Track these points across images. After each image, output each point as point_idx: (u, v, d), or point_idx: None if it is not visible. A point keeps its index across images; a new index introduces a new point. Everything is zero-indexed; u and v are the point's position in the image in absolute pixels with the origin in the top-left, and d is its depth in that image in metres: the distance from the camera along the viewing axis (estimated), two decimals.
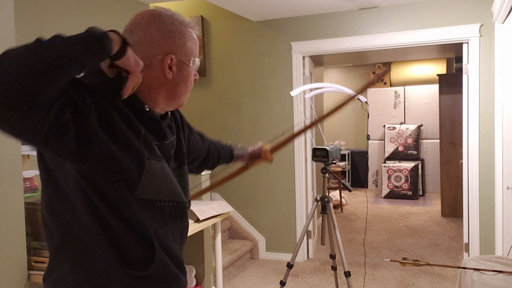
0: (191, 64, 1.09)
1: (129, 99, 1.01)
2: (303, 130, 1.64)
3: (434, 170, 7.48)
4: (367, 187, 8.08)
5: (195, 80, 1.14)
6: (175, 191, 1.09)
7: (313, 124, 1.75)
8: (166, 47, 1.04)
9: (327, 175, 2.83)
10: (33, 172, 2.20)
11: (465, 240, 3.85)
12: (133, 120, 1.00)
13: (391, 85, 8.04)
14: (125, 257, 0.99)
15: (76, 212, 0.97)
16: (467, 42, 3.74)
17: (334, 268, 3.04)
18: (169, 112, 1.15)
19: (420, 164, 7.29)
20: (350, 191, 2.81)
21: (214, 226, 3.13)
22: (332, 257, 3.01)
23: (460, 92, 4.00)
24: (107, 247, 0.98)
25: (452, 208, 5.83)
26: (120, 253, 0.99)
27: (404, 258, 2.11)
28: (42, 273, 1.10)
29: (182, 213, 1.13)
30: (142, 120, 1.03)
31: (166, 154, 1.10)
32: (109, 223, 0.98)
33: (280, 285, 2.82)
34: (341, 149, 4.29)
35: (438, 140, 6.22)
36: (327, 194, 2.87)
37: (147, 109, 1.05)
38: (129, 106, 1.01)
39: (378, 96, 7.94)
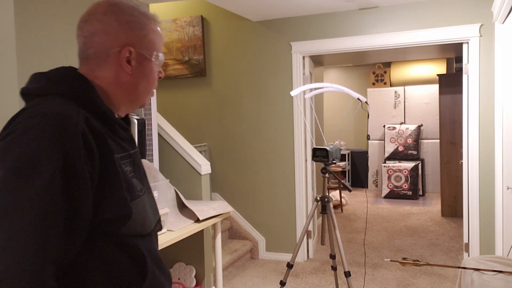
0: (153, 59, 1.00)
1: (99, 110, 0.94)
2: None
3: (434, 170, 7.48)
4: (367, 187, 8.08)
5: (159, 78, 1.06)
6: (154, 218, 1.04)
7: None
8: (124, 38, 0.96)
9: (327, 175, 2.83)
10: None
11: (465, 240, 3.85)
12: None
13: (391, 85, 8.04)
14: (116, 279, 0.92)
15: None
16: (467, 42, 3.74)
17: (334, 268, 3.04)
18: (133, 119, 1.11)
19: (420, 164, 7.29)
20: (350, 191, 2.81)
21: (214, 226, 3.13)
22: (332, 257, 3.01)
23: (460, 92, 4.00)
24: (97, 269, 0.90)
25: (452, 208, 5.84)
26: (111, 275, 0.92)
27: (404, 258, 2.11)
28: None
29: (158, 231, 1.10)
30: (115, 130, 0.97)
31: (141, 165, 1.05)
32: (98, 246, 0.91)
33: (280, 285, 2.83)
34: (341, 149, 4.29)
35: (438, 140, 6.23)
36: (327, 194, 2.87)
37: (117, 116, 0.99)
38: (102, 119, 0.94)
39: (378, 96, 7.94)
